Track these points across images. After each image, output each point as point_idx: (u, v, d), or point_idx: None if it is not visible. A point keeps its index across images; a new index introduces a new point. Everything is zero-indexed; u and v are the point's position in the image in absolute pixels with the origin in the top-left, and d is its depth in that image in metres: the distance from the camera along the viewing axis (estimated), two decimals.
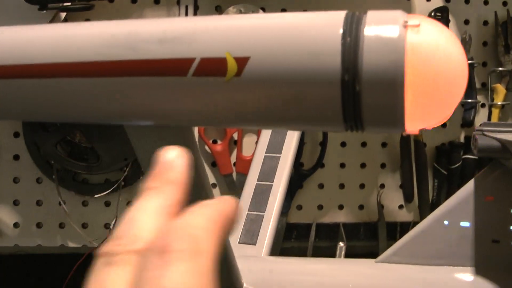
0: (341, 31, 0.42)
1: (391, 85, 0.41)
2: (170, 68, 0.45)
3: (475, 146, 0.62)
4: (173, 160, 0.39)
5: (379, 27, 0.42)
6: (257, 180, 0.83)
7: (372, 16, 0.43)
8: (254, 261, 0.73)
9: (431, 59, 0.42)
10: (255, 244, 0.76)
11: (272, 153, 0.85)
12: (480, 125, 0.65)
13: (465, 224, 0.65)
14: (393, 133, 0.44)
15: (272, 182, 0.82)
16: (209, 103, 0.45)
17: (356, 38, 0.42)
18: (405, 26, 0.42)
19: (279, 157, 0.84)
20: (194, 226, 0.32)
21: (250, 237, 0.76)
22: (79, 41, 0.47)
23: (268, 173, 0.83)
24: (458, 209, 0.65)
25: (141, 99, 0.47)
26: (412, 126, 0.44)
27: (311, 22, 0.44)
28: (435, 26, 0.44)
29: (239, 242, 0.76)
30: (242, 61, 0.43)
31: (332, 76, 0.42)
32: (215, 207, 0.35)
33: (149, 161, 0.55)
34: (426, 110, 0.44)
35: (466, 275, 0.65)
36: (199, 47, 0.44)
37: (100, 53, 0.46)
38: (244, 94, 0.44)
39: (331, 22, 0.43)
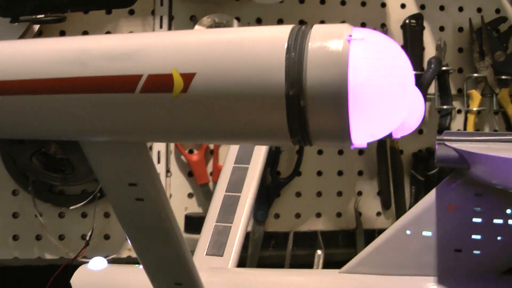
0: (285, 45, 0.42)
1: (336, 99, 0.41)
2: (118, 85, 0.45)
3: (434, 156, 0.62)
4: None
5: (323, 41, 0.42)
6: (225, 191, 0.83)
7: (317, 30, 0.43)
8: (220, 272, 0.73)
9: (375, 72, 0.42)
10: (222, 256, 0.76)
11: (240, 164, 0.85)
12: (442, 134, 0.65)
13: (427, 233, 0.65)
14: (341, 146, 0.44)
15: (240, 193, 0.82)
16: (157, 119, 0.45)
17: (300, 53, 0.42)
18: (349, 40, 0.42)
19: (248, 167, 0.84)
20: None
21: (218, 249, 0.76)
22: (29, 59, 0.47)
23: (236, 183, 0.83)
24: (420, 219, 0.65)
25: (91, 115, 0.47)
26: (359, 139, 0.44)
27: (257, 37, 0.44)
28: (381, 39, 0.44)
29: (206, 254, 0.76)
30: (188, 77, 0.43)
31: (276, 92, 0.42)
32: None
33: (106, 177, 0.55)
34: (372, 123, 0.44)
35: (429, 285, 0.65)
36: (146, 63, 0.44)
37: (50, 70, 0.46)
38: (191, 110, 0.44)
39: (277, 36, 0.43)
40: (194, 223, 1.19)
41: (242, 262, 0.95)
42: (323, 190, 1.35)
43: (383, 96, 0.42)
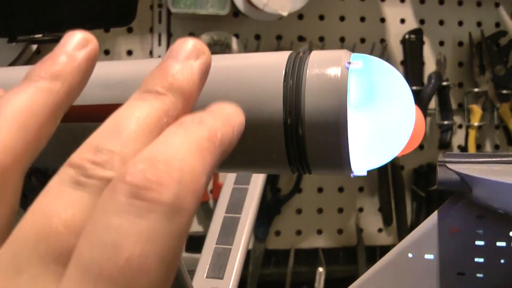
0: (283, 73, 0.42)
1: (335, 128, 0.40)
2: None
3: (436, 179, 0.61)
4: (190, 58, 0.29)
5: (321, 68, 0.41)
6: (225, 212, 0.82)
7: (315, 56, 0.42)
8: None
9: (376, 100, 0.41)
10: (222, 278, 0.75)
11: (240, 184, 0.84)
12: (444, 155, 0.64)
13: (429, 256, 0.64)
14: (341, 175, 0.44)
15: (240, 214, 0.81)
16: None
17: (298, 80, 0.41)
18: (348, 67, 0.41)
19: (247, 188, 0.83)
20: (189, 168, 0.24)
21: (218, 271, 0.75)
22: None
23: (236, 205, 0.82)
24: (422, 242, 0.64)
25: None
26: (359, 168, 0.44)
27: (254, 64, 0.43)
28: (380, 66, 0.43)
29: (206, 277, 0.75)
30: None
31: (274, 120, 0.41)
32: (222, 132, 0.27)
33: None
34: (372, 151, 0.43)
35: None
36: None
37: None
38: None
39: (274, 63, 0.43)
40: (194, 243, 1.17)
41: (242, 280, 0.95)
42: (324, 207, 1.35)
43: (383, 125, 0.42)
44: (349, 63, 0.41)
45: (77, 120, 0.45)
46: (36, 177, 1.21)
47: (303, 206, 1.33)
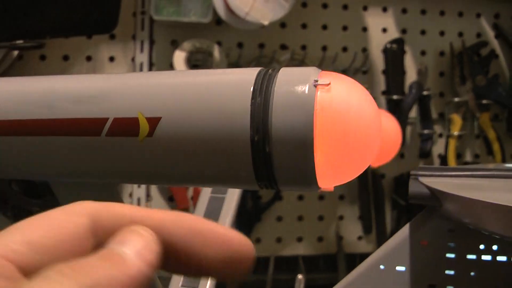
0: (251, 90, 0.42)
1: (301, 145, 0.41)
2: (84, 128, 0.44)
3: (407, 192, 0.62)
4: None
5: (289, 86, 0.42)
6: None
7: (283, 74, 0.43)
8: None
9: (342, 118, 0.42)
10: (197, 287, 0.75)
11: (217, 194, 0.85)
12: (417, 168, 0.65)
13: (401, 268, 0.65)
14: (308, 191, 0.44)
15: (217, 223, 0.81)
16: (124, 162, 0.45)
17: (266, 98, 0.41)
18: (316, 85, 0.42)
19: (225, 197, 0.84)
20: None
21: (193, 280, 0.76)
22: None
23: (212, 214, 0.82)
24: (394, 254, 0.65)
25: (58, 158, 0.46)
26: (325, 184, 0.44)
27: (223, 80, 0.44)
28: (347, 84, 0.44)
29: (181, 285, 0.76)
30: (153, 121, 0.43)
31: (242, 137, 0.41)
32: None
33: None
34: (339, 168, 0.43)
35: None
36: (112, 107, 0.44)
37: (16, 112, 0.46)
38: (157, 154, 0.43)
39: (243, 80, 0.43)
40: None
41: (221, 287, 0.95)
42: (304, 215, 1.35)
43: (349, 142, 0.42)
44: (317, 81, 0.42)
45: (46, 133, 0.45)
46: (16, 183, 1.21)
47: (284, 214, 1.34)
